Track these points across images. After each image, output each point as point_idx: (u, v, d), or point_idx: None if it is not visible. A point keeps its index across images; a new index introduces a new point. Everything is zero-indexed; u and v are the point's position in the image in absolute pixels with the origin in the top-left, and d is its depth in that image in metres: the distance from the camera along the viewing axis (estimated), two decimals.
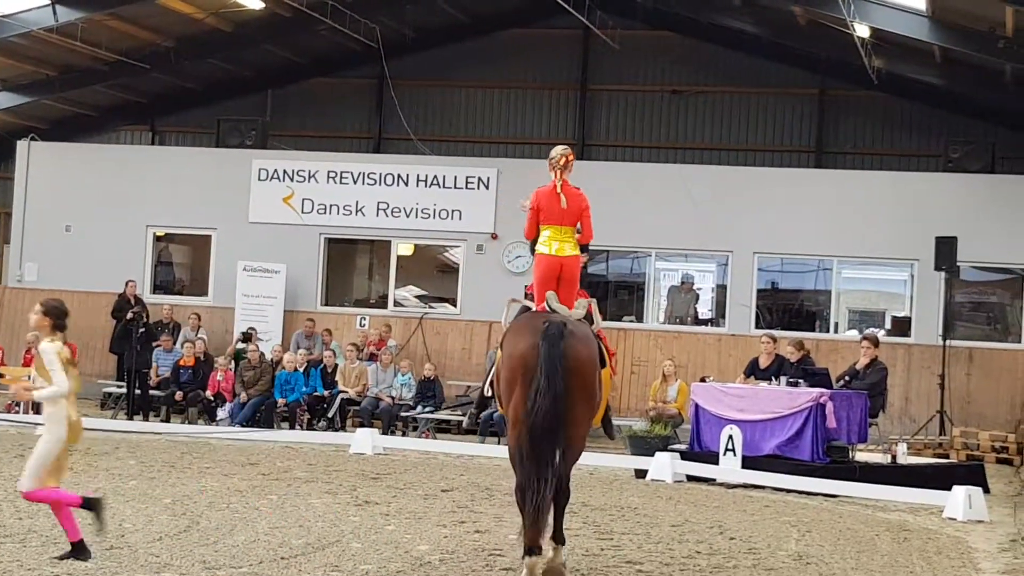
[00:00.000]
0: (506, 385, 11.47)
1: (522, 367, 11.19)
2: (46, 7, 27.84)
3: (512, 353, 11.41)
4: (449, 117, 34.55)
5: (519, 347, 11.35)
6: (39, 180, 31.51)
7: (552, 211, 12.36)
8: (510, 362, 11.39)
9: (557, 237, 12.37)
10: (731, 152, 32.84)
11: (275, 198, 30.37)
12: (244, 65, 34.26)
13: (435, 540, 13.51)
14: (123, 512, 14.23)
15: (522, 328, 11.67)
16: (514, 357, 11.36)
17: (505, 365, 11.51)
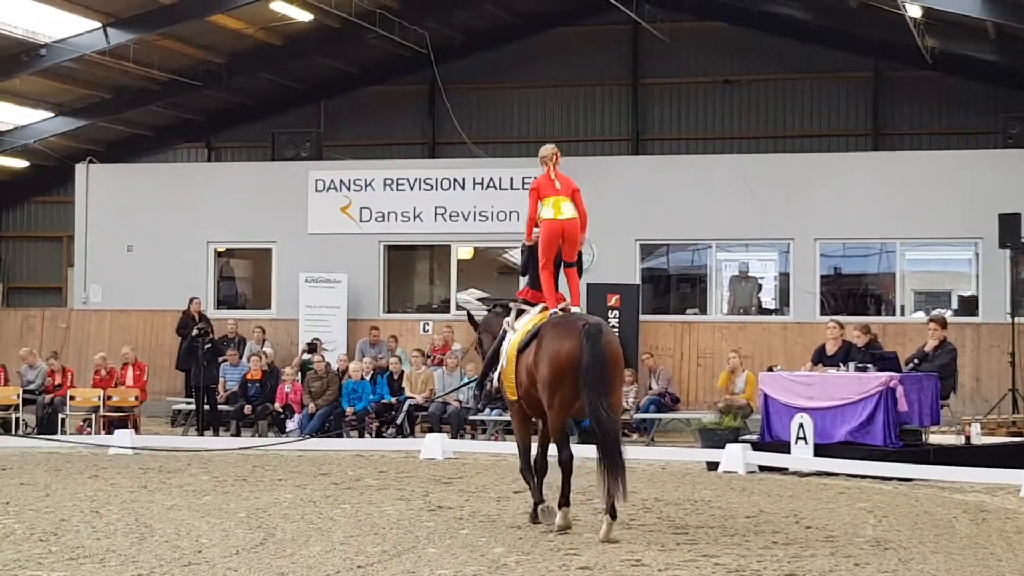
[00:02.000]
0: (554, 377, 13.48)
1: (570, 362, 13.38)
2: (97, 31, 28.03)
3: (559, 351, 13.48)
4: (502, 119, 34.56)
5: (565, 346, 13.45)
6: (99, 202, 31.74)
7: (549, 189, 14.63)
8: (557, 359, 13.47)
9: (555, 204, 14.53)
10: (787, 139, 32.68)
11: (333, 208, 30.45)
12: (296, 78, 34.40)
13: (510, 542, 13.47)
14: (199, 527, 14.29)
15: (561, 329, 13.70)
16: (561, 355, 13.44)
17: (551, 361, 13.52)
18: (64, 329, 31.65)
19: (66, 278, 35.52)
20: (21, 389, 27.02)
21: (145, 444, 23.46)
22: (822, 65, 32.57)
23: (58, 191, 36.39)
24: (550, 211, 14.50)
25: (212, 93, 33.38)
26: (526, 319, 14.51)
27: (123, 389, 26.80)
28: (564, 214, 14.51)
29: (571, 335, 13.49)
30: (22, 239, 37.99)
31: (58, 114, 33.29)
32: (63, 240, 36.20)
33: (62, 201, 35.82)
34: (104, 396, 26.48)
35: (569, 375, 13.42)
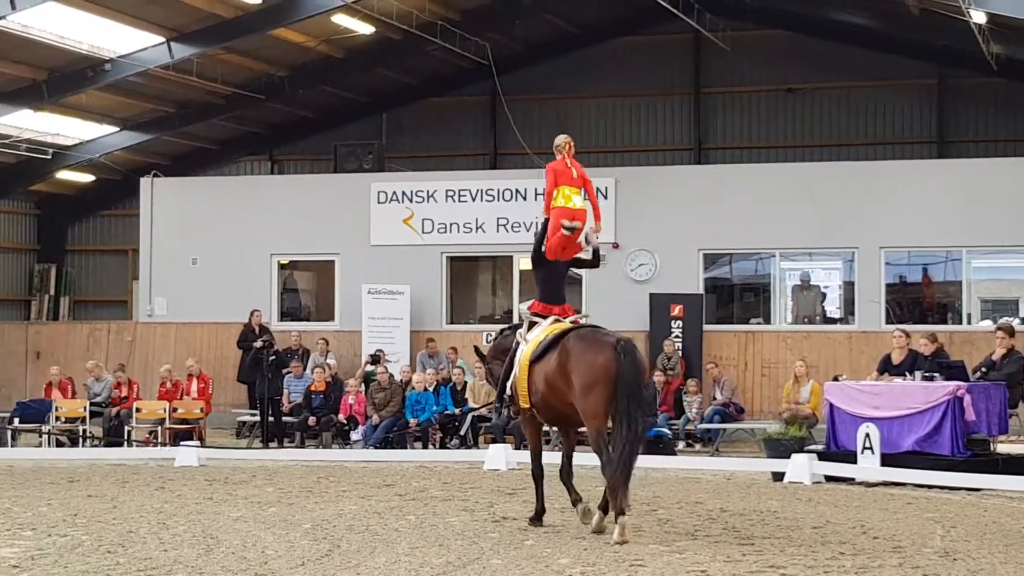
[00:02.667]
0: (586, 386, 14.26)
1: (604, 373, 14.18)
2: (161, 45, 28.22)
3: (593, 363, 14.27)
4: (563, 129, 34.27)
5: (599, 359, 14.26)
6: (164, 215, 31.94)
7: (565, 175, 15.44)
8: (591, 369, 14.25)
9: (568, 194, 15.36)
10: (851, 147, 32.52)
11: (395, 220, 30.50)
12: (357, 90, 34.54)
13: (575, 553, 13.44)
14: (265, 539, 14.34)
15: (592, 343, 14.50)
16: (596, 366, 14.23)
17: (584, 372, 14.30)
18: (130, 342, 31.86)
19: (131, 291, 35.79)
20: (88, 402, 27.22)
21: (210, 456, 23.57)
22: (886, 72, 32.37)
23: (123, 205, 36.69)
24: (563, 201, 15.32)
25: (275, 106, 33.57)
26: (538, 330, 15.23)
27: (188, 401, 26.95)
28: (576, 204, 15.38)
29: (605, 350, 14.32)
30: (88, 252, 38.32)
31: (123, 128, 33.57)
32: (128, 253, 36.48)
33: (127, 215, 36.09)
34: (170, 408, 26.64)
35: (604, 386, 14.21)
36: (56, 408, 26.86)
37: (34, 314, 37.27)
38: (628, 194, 29.13)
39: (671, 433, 25.36)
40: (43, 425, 26.62)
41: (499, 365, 15.91)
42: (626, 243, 29.02)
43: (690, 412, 26.21)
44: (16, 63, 28.06)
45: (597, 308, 28.95)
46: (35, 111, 30.67)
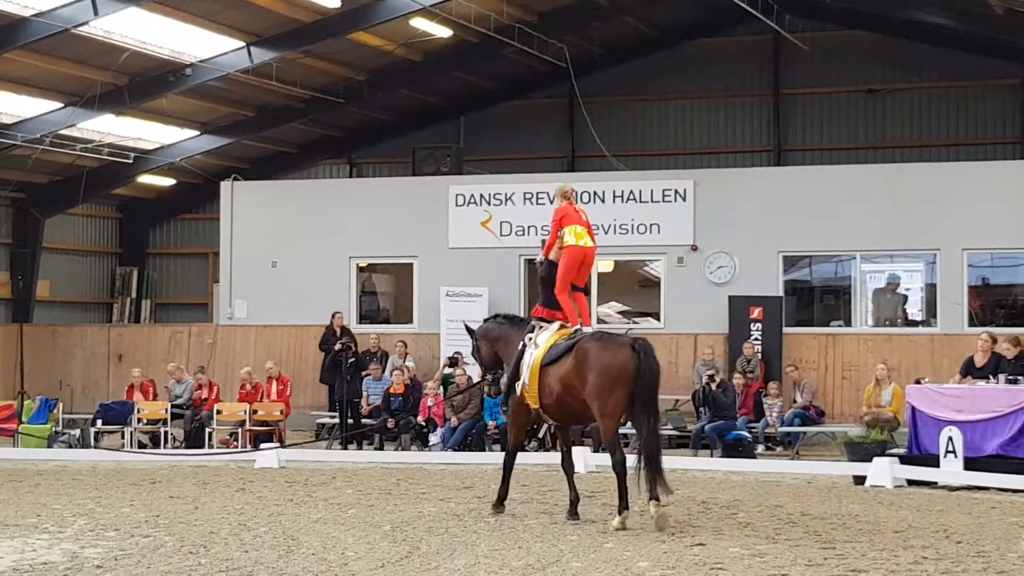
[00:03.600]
0: (605, 385, 15.25)
1: (622, 373, 15.23)
2: (241, 50, 28.42)
3: (611, 363, 15.26)
4: (642, 131, 34.52)
5: (618, 358, 15.28)
6: (244, 219, 32.13)
7: (573, 217, 16.48)
8: (610, 369, 15.25)
9: (580, 233, 16.39)
10: (933, 149, 32.23)
11: (473, 223, 30.51)
12: (435, 93, 34.63)
13: (655, 556, 13.40)
14: (345, 540, 14.40)
15: (609, 344, 15.58)
16: (614, 366, 15.25)
17: (603, 371, 15.27)
18: (210, 344, 32.09)
19: (212, 294, 36.05)
20: (169, 404, 27.44)
21: (290, 458, 23.69)
22: (968, 73, 32.05)
23: (204, 208, 37.01)
24: (573, 238, 16.36)
25: (353, 109, 33.73)
26: (546, 335, 16.19)
27: (268, 403, 27.11)
28: (588, 243, 16.48)
29: (622, 349, 15.41)
30: (169, 256, 38.69)
31: (203, 132, 33.84)
32: (209, 256, 36.78)
33: (207, 218, 36.39)
34: (250, 410, 26.80)
35: (624, 384, 15.26)
36: (138, 410, 27.11)
37: (116, 317, 37.67)
38: (707, 196, 29.00)
39: (751, 436, 25.22)
40: (125, 427, 26.88)
41: (487, 347, 17.11)
42: (705, 245, 28.89)
43: (770, 415, 26.04)
44: (98, 68, 28.34)
45: (675, 311, 28.98)
46: (117, 116, 30.97)
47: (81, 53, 27.32)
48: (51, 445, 26.11)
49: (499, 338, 17.06)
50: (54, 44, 26.20)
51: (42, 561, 13.15)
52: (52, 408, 27.19)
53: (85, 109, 29.85)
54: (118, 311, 37.93)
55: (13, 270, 34.48)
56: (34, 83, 28.54)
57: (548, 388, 15.93)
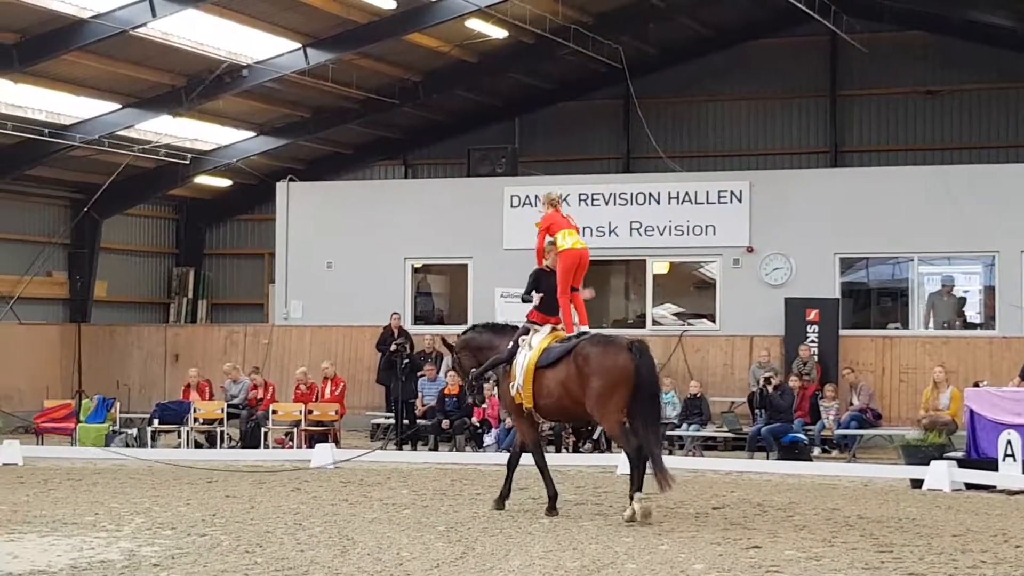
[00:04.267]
0: (606, 387, 15.98)
1: (623, 373, 15.95)
2: (297, 51, 28.52)
3: (613, 365, 16.01)
4: (697, 132, 34.43)
5: (618, 361, 16.02)
6: (299, 220, 32.23)
7: (562, 223, 17.06)
8: (611, 372, 15.99)
9: (572, 235, 16.95)
10: (991, 150, 31.95)
11: (528, 224, 30.34)
12: (491, 94, 34.65)
13: (710, 558, 13.34)
14: (400, 541, 14.41)
15: (608, 347, 16.30)
16: (616, 368, 15.99)
17: (604, 373, 16.01)
18: (266, 344, 32.21)
19: (267, 294, 36.18)
20: (225, 403, 27.55)
21: (345, 458, 23.73)
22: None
23: (260, 209, 37.16)
24: (569, 241, 16.89)
25: (409, 111, 33.78)
26: (539, 338, 16.84)
27: (323, 404, 27.17)
28: (581, 244, 17.04)
29: (621, 351, 16.14)
30: (225, 256, 38.89)
31: (259, 133, 33.99)
32: (264, 257, 36.93)
33: (263, 219, 36.53)
34: (305, 410, 26.87)
35: (625, 384, 15.98)
36: (194, 409, 27.23)
37: (173, 317, 37.90)
38: (763, 197, 28.88)
39: (807, 439, 25.08)
40: (182, 426, 27.01)
41: (468, 357, 17.89)
42: (761, 247, 28.76)
43: (826, 418, 25.89)
44: (156, 69, 28.52)
45: (731, 312, 28.85)
46: (174, 117, 31.15)
47: (139, 54, 27.49)
48: (108, 444, 26.28)
49: (483, 347, 17.73)
50: (112, 46, 26.37)
51: (100, 559, 13.23)
52: (109, 407, 27.39)
53: (143, 110, 30.06)
54: (174, 311, 38.16)
55: (71, 270, 34.72)
56: (92, 84, 28.73)
57: (546, 390, 16.60)
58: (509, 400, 17.22)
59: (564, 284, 16.93)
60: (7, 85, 27.69)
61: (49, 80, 27.98)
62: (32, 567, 12.76)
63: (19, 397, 31.37)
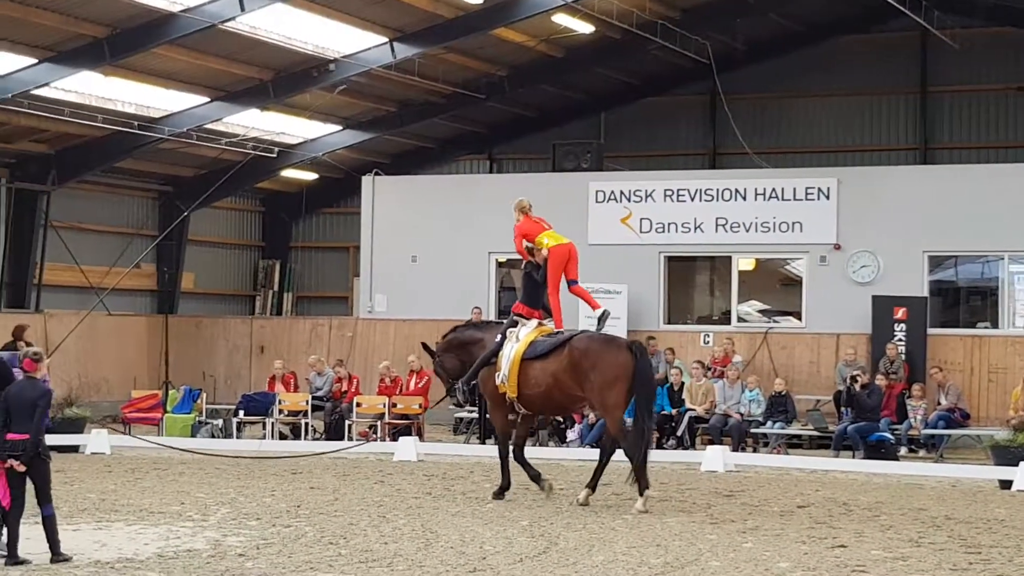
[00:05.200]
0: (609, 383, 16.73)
1: (625, 371, 16.71)
2: (384, 45, 28.58)
3: (615, 362, 16.78)
4: (785, 128, 34.18)
5: (620, 358, 16.81)
6: (384, 213, 32.33)
7: (537, 227, 17.94)
8: (613, 368, 16.76)
9: (552, 235, 17.79)
10: None
11: (613, 219, 30.39)
12: (577, 89, 34.58)
13: (795, 557, 13.25)
14: (483, 534, 14.42)
15: (608, 345, 17.18)
16: (617, 365, 16.76)
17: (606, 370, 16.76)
18: (350, 337, 32.35)
19: (352, 288, 36.35)
20: (310, 396, 27.69)
21: (428, 451, 23.78)
22: None
23: (345, 203, 37.31)
24: (552, 240, 17.72)
25: (494, 105, 33.77)
26: (526, 331, 17.57)
27: (407, 397, 27.22)
28: (565, 240, 17.80)
29: (622, 349, 17.01)
30: (311, 249, 39.07)
31: (345, 127, 34.13)
32: (349, 250, 37.06)
33: (349, 212, 36.66)
34: (389, 403, 26.95)
35: (625, 379, 16.71)
36: (279, 401, 27.38)
37: (258, 309, 38.15)
38: (851, 195, 28.61)
39: (893, 438, 24.83)
40: (267, 418, 27.17)
41: (451, 358, 18.49)
42: (848, 244, 28.51)
43: (914, 417, 25.61)
44: (244, 63, 28.70)
45: (817, 310, 28.64)
46: (262, 110, 31.35)
47: (227, 48, 27.68)
48: (195, 434, 26.51)
49: (466, 343, 18.48)
50: (201, 39, 26.56)
51: (186, 548, 13.34)
52: (196, 398, 27.60)
53: (231, 103, 30.27)
54: (260, 304, 38.41)
55: (159, 262, 35.06)
56: (181, 78, 28.97)
57: (533, 380, 17.30)
58: (491, 389, 17.80)
59: (554, 282, 17.75)
60: (98, 78, 27.98)
61: (139, 73, 28.23)
62: (119, 555, 12.89)
63: (107, 387, 31.74)
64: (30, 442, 12.41)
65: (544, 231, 17.88)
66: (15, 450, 12.38)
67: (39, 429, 12.53)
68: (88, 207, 33.43)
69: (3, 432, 12.44)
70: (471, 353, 18.31)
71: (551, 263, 17.69)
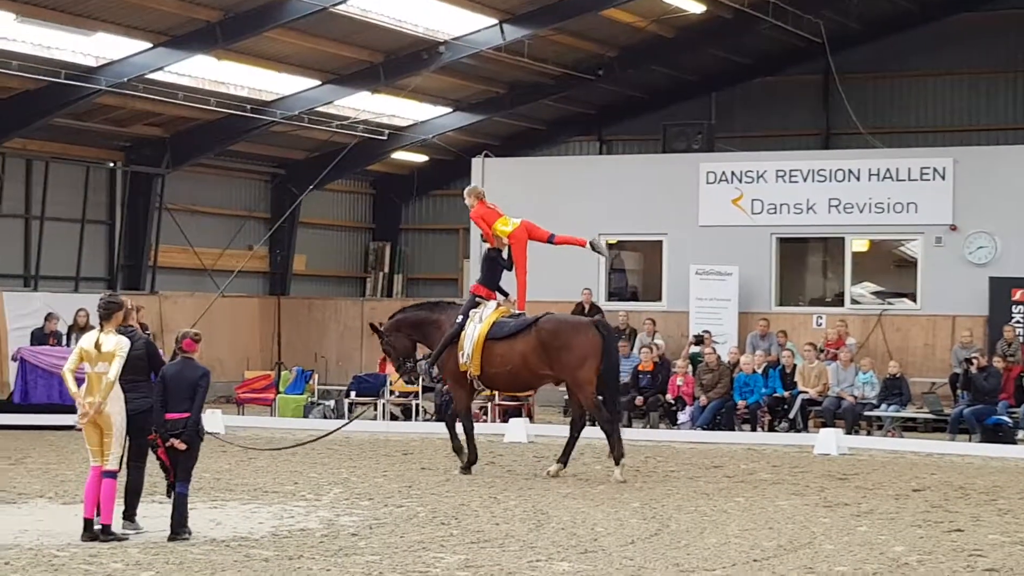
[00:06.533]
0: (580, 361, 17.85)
1: (594, 349, 17.85)
2: (493, 27, 28.56)
3: (584, 342, 17.91)
4: (899, 108, 33.73)
5: (588, 337, 17.98)
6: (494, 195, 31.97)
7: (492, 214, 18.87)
8: (583, 347, 17.88)
9: (505, 222, 18.75)
10: None
11: (724, 200, 30.17)
12: (687, 69, 34.36)
13: (911, 541, 13.09)
14: (594, 516, 14.40)
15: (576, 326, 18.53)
16: (587, 344, 17.89)
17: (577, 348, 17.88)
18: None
19: (462, 269, 36.43)
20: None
21: (539, 432, 23.78)
22: None
23: (455, 184, 37.34)
24: (509, 226, 18.71)
25: (604, 86, 33.66)
26: (487, 312, 18.47)
27: None
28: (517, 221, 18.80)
29: (587, 329, 18.20)
30: (421, 231, 39.22)
31: (455, 109, 34.19)
32: (459, 232, 37.15)
33: (458, 194, 36.54)
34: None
35: (594, 357, 17.83)
36: (390, 382, 27.48)
37: (369, 291, 38.37)
38: (967, 175, 28.18)
39: (1011, 421, 24.43)
40: (378, 399, 27.29)
41: (402, 338, 19.25)
42: (964, 225, 28.09)
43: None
44: (355, 47, 28.83)
45: (933, 292, 28.26)
46: (372, 93, 31.49)
47: (338, 31, 27.81)
48: (307, 415, 26.72)
49: (419, 323, 19.26)
50: (313, 23, 26.70)
51: (300, 527, 13.45)
52: (308, 379, 27.84)
53: (341, 86, 30.43)
54: (371, 285, 38.63)
55: (271, 244, 35.38)
56: (293, 61, 29.17)
57: (499, 359, 18.18)
58: (452, 369, 18.62)
59: (522, 262, 18.78)
60: (211, 62, 28.26)
61: (251, 57, 28.47)
62: (234, 534, 13.01)
63: (221, 368, 31.99)
64: (191, 420, 12.66)
65: (499, 217, 18.79)
66: (175, 429, 12.60)
67: (200, 408, 12.79)
68: (201, 190, 33.84)
69: (162, 412, 12.66)
70: (424, 333, 19.18)
71: (516, 247, 18.72)
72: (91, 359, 12.49)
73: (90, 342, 12.53)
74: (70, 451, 19.95)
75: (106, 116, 29.69)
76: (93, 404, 12.36)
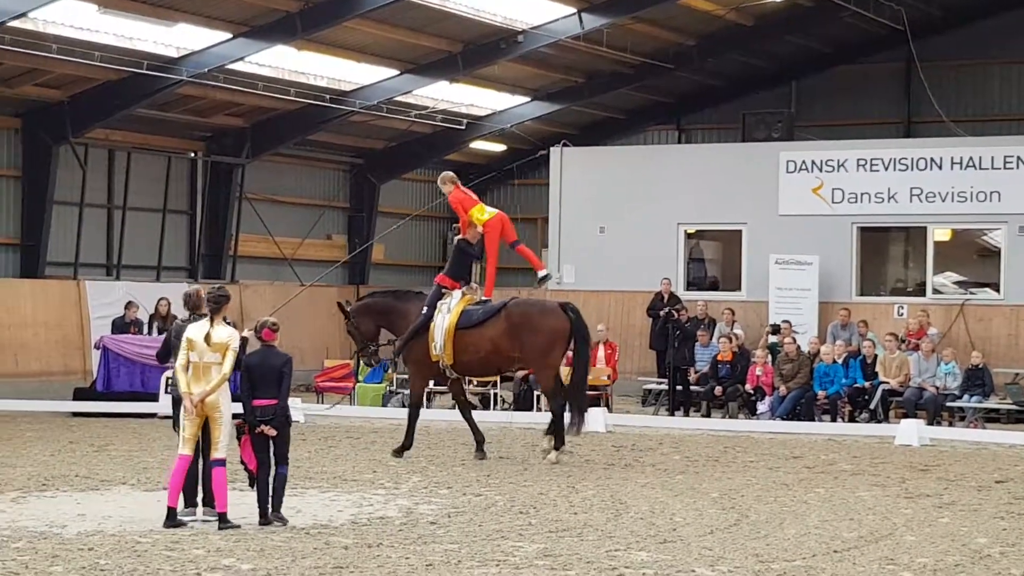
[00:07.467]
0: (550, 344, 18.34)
1: (562, 333, 18.35)
2: (572, 16, 28.50)
3: (553, 326, 18.38)
4: (983, 95, 33.31)
5: (556, 321, 18.41)
6: (572, 184, 32.33)
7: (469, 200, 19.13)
8: (554, 333, 18.35)
9: (481, 209, 18.98)
10: None
11: (804, 189, 30.00)
12: (766, 58, 34.13)
13: (994, 532, 12.97)
14: (672, 506, 14.36)
15: (543, 310, 18.85)
16: (555, 328, 18.35)
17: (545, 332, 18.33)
18: None
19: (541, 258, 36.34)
20: None
21: (617, 422, 23.75)
22: None
23: (533, 174, 37.35)
24: (485, 215, 18.95)
25: (683, 75, 33.50)
26: (454, 302, 18.74)
27: (596, 368, 27.14)
28: (494, 211, 19.16)
29: (556, 312, 18.56)
30: None
31: (533, 99, 34.16)
32: (537, 222, 37.10)
33: (537, 183, 36.73)
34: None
35: (562, 342, 18.46)
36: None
37: None
38: None
39: None
40: None
41: (368, 322, 19.41)
42: None
43: None
44: (434, 36, 28.86)
45: (1016, 282, 27.98)
46: (450, 83, 31.52)
47: (417, 21, 27.85)
48: (385, 404, 26.81)
49: (385, 311, 19.49)
50: (391, 12, 26.77)
51: (379, 516, 13.50)
52: (386, 368, 27.89)
53: (420, 76, 30.49)
54: None
55: (350, 233, 35.52)
56: (371, 51, 29.25)
57: (472, 347, 18.55)
58: (415, 359, 19.08)
59: (494, 251, 19.09)
60: (290, 52, 28.39)
61: (330, 47, 28.58)
62: (315, 521, 13.09)
63: (300, 356, 31.86)
64: (280, 407, 12.86)
65: (476, 204, 19.05)
66: (264, 415, 12.75)
67: (287, 394, 12.98)
68: (280, 179, 34.02)
69: (250, 399, 12.83)
70: (390, 321, 19.49)
71: (489, 236, 18.99)
72: (199, 350, 12.62)
73: (199, 333, 12.66)
74: (152, 438, 20.17)
75: (187, 107, 29.91)
76: (202, 394, 12.51)
